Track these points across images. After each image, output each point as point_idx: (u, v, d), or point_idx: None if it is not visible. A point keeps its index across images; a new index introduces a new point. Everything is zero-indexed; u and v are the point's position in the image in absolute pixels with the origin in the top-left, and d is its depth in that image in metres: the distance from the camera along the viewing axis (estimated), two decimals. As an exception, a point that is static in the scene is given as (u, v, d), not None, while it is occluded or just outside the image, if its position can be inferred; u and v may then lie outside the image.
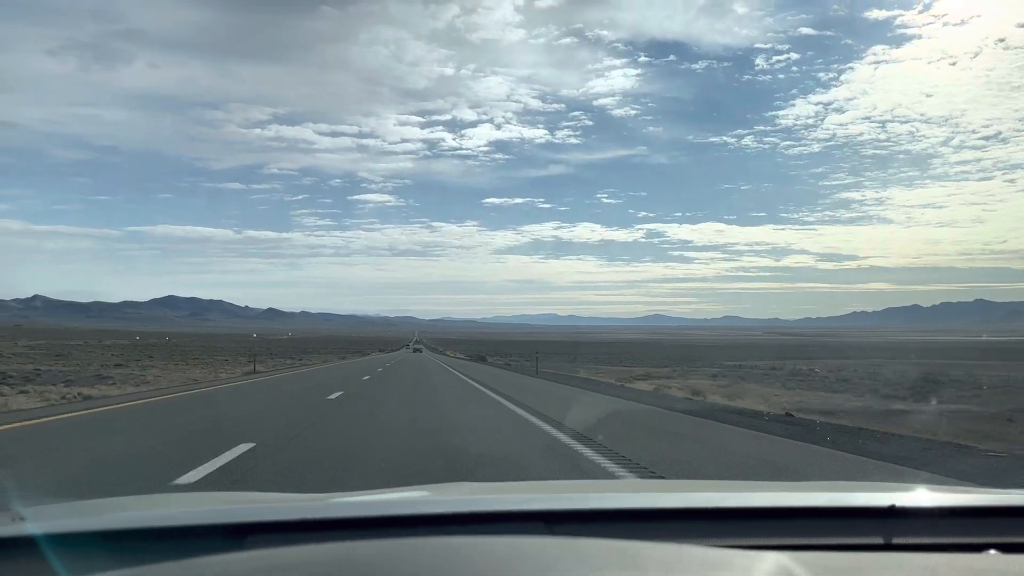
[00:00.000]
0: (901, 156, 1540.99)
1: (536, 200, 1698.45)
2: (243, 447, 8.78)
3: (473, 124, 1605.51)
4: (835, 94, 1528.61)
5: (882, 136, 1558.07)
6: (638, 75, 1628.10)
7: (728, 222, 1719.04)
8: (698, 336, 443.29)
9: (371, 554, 1.10)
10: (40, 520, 1.65)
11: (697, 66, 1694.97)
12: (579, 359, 69.68)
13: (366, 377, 26.92)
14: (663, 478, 6.82)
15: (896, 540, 1.59)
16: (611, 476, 7.21)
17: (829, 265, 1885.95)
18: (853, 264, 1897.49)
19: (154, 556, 1.15)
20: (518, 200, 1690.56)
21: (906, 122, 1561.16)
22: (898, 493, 1.80)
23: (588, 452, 8.73)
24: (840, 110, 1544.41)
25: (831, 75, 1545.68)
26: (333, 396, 17.64)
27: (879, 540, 1.59)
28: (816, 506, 1.80)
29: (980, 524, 1.69)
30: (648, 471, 7.43)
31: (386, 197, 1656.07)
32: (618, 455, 8.38)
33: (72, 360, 44.82)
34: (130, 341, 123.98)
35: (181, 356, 54.36)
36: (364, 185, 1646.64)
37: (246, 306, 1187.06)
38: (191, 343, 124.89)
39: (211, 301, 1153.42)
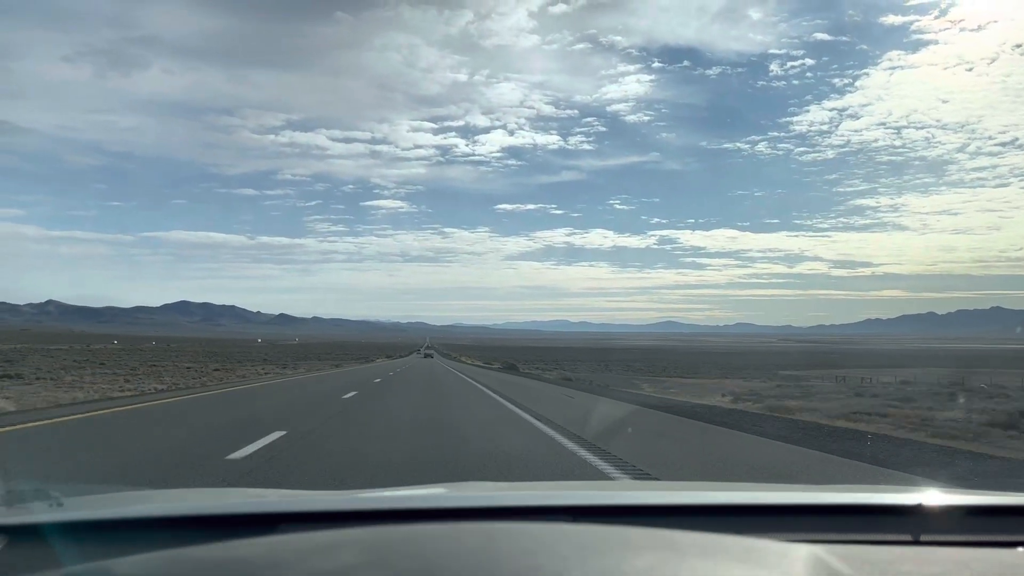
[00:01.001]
0: (916, 162, 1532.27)
1: (548, 206, 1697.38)
2: None
3: (486, 130, 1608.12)
4: (850, 100, 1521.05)
5: (897, 142, 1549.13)
6: (651, 81, 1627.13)
7: (741, 228, 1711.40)
8: (714, 343, 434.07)
9: (412, 537, 1.12)
10: (78, 507, 1.81)
11: (711, 72, 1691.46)
12: (611, 368, 62.09)
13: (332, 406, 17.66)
14: None
15: (924, 537, 1.62)
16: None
17: (843, 272, 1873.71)
18: (867, 271, 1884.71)
19: (188, 543, 1.17)
20: (530, 206, 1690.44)
21: (922, 128, 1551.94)
22: (925, 493, 1.84)
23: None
24: (855, 116, 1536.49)
25: (846, 81, 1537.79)
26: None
27: (907, 537, 1.62)
28: (844, 503, 1.85)
29: (1008, 523, 1.72)
30: None
31: (398, 203, 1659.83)
32: None
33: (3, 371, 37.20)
34: (124, 346, 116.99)
35: (133, 365, 46.68)
36: (377, 191, 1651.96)
37: (258, 311, 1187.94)
38: (188, 348, 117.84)
39: (223, 306, 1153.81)
